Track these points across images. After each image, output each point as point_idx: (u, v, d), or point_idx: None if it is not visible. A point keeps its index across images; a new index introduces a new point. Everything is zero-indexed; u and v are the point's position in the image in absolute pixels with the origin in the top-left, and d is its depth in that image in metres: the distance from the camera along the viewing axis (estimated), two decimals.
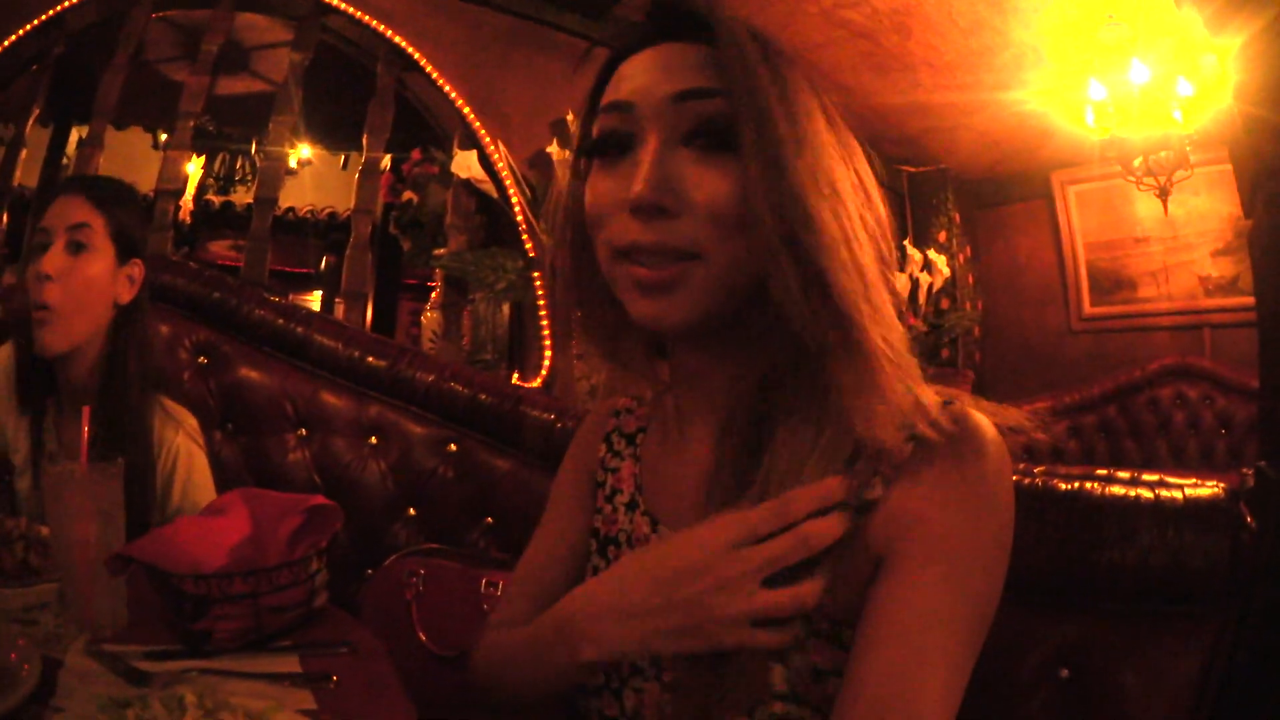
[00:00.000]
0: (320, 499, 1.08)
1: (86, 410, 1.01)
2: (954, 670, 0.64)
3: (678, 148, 0.71)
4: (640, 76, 0.73)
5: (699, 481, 0.75)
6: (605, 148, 0.75)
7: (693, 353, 0.79)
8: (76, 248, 1.38)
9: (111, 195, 1.45)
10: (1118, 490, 1.00)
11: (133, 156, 4.31)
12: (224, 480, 1.62)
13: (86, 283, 1.39)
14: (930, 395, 0.70)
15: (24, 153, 3.19)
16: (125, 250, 1.44)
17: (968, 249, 5.71)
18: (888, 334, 0.68)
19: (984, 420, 0.70)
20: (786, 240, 0.66)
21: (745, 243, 0.69)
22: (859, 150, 0.77)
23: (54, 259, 1.36)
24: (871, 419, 0.66)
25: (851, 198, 0.71)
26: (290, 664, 0.90)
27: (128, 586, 0.97)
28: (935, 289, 5.12)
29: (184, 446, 1.49)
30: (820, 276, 0.66)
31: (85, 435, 0.98)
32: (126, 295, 1.45)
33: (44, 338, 1.35)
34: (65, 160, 4.15)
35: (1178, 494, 0.97)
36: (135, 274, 1.46)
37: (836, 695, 0.67)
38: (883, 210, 0.76)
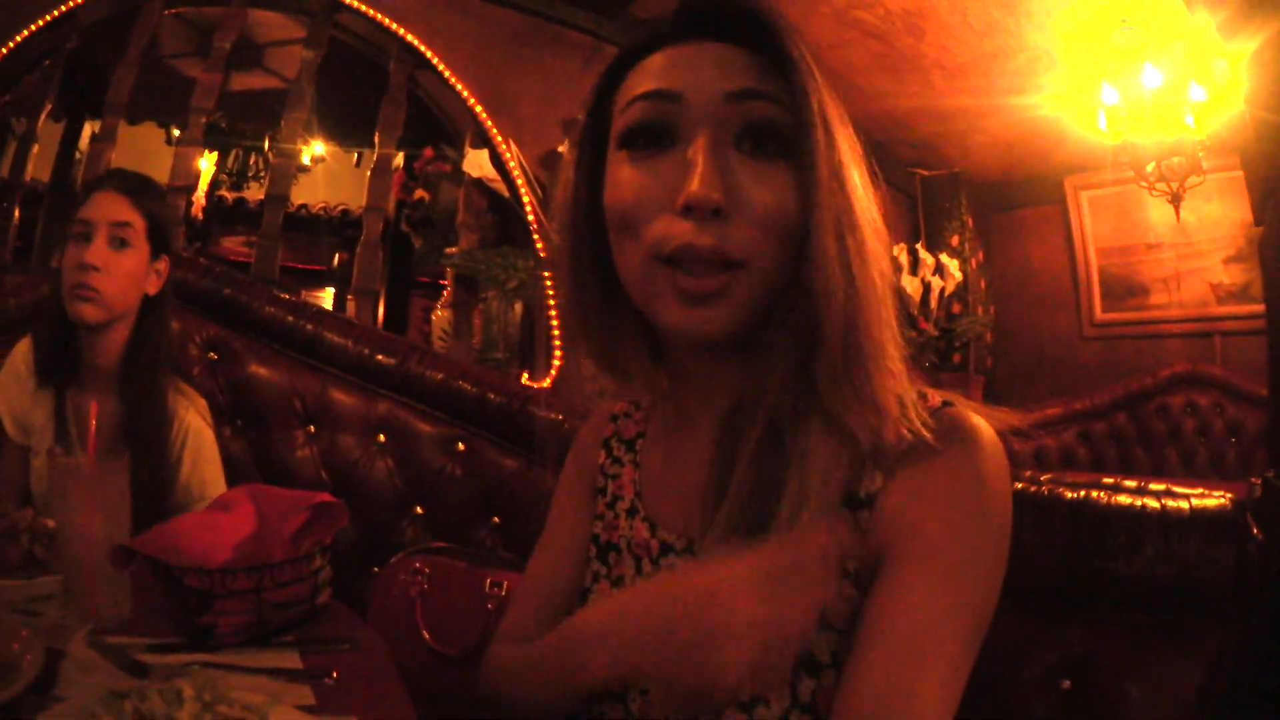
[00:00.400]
0: (325, 496, 1.09)
1: (94, 405, 1.02)
2: (951, 672, 0.64)
3: (728, 148, 0.69)
4: (687, 68, 0.71)
5: (700, 487, 0.75)
6: (639, 139, 0.71)
7: (694, 358, 0.78)
8: (119, 244, 1.49)
9: (150, 196, 1.57)
10: (1124, 500, 0.99)
11: (145, 151, 4.33)
12: (232, 476, 1.63)
13: (125, 274, 1.50)
14: (924, 399, 0.70)
15: (36, 147, 3.21)
16: (158, 247, 1.56)
17: (980, 253, 5.68)
18: (891, 344, 0.68)
19: (981, 422, 0.70)
20: (839, 251, 0.66)
21: (784, 251, 0.68)
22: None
23: (98, 252, 1.46)
24: (866, 420, 0.66)
25: (867, 204, 0.71)
26: (291, 659, 0.90)
27: (133, 580, 0.97)
28: (947, 293, 5.11)
29: (194, 423, 1.57)
30: (853, 287, 0.66)
31: (92, 429, 0.99)
32: (154, 288, 1.56)
33: (85, 310, 1.45)
34: (78, 155, 4.17)
35: (1184, 504, 0.97)
36: (163, 268, 1.57)
37: None
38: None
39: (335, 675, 0.84)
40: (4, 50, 2.98)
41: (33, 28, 3.01)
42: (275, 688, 0.80)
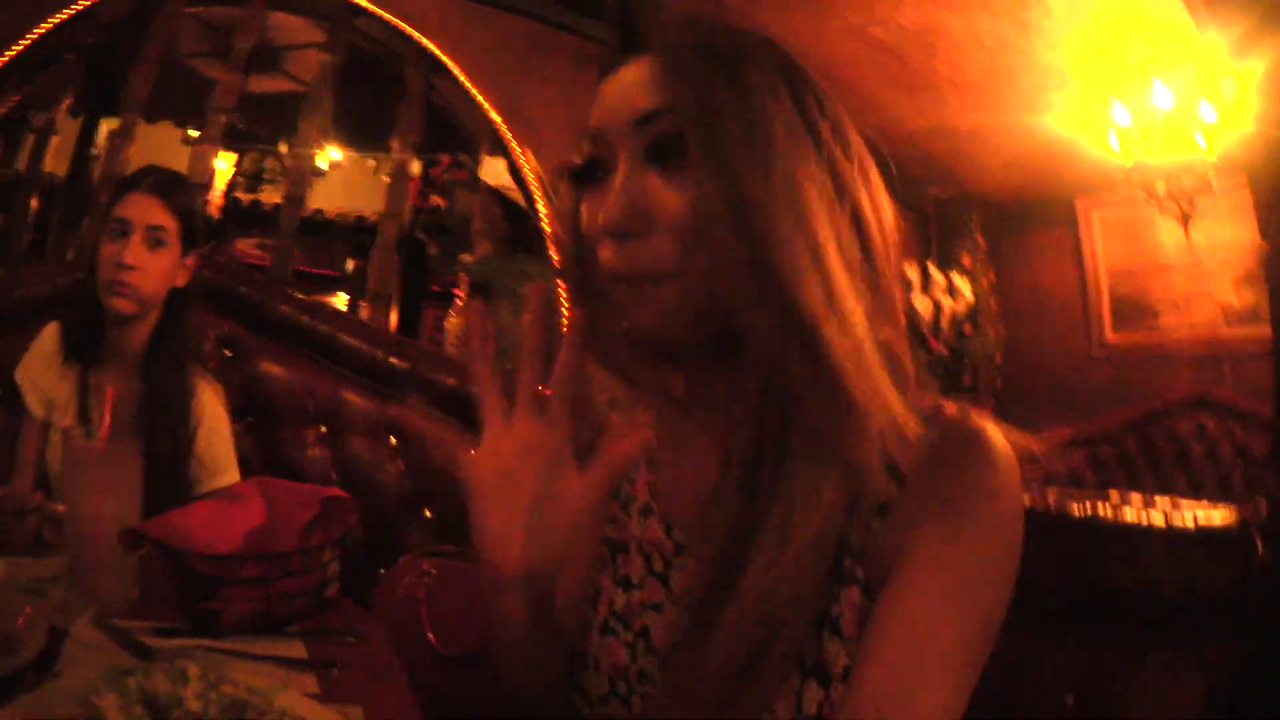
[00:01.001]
0: (336, 491, 1.10)
1: (109, 390, 1.03)
2: (955, 685, 0.63)
3: (646, 168, 0.70)
4: (608, 99, 0.73)
5: (712, 489, 0.74)
6: (590, 174, 0.75)
7: (697, 363, 0.78)
8: (155, 243, 1.58)
9: (183, 196, 1.67)
10: (1130, 514, 1.00)
11: (162, 149, 4.34)
12: (241, 473, 1.64)
13: (159, 272, 1.59)
14: (939, 410, 0.69)
15: (54, 140, 3.23)
16: (188, 245, 1.64)
17: (991, 273, 5.66)
18: (859, 356, 0.65)
19: (994, 432, 0.68)
20: (746, 257, 0.64)
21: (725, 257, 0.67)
22: (853, 152, 0.74)
23: (135, 252, 1.55)
24: (856, 440, 0.64)
25: (821, 207, 0.68)
26: (296, 649, 0.91)
27: (143, 567, 0.98)
28: (959, 314, 5.09)
29: (209, 401, 1.65)
30: (780, 296, 0.64)
31: (107, 414, 0.99)
32: (182, 281, 1.65)
33: (120, 304, 1.55)
34: (95, 151, 4.19)
35: (1189, 519, 0.97)
36: (190, 263, 1.66)
37: None
38: (879, 216, 0.74)
39: (340, 665, 0.85)
40: (21, 45, 3.00)
41: (52, 22, 3.02)
42: (280, 675, 0.80)
